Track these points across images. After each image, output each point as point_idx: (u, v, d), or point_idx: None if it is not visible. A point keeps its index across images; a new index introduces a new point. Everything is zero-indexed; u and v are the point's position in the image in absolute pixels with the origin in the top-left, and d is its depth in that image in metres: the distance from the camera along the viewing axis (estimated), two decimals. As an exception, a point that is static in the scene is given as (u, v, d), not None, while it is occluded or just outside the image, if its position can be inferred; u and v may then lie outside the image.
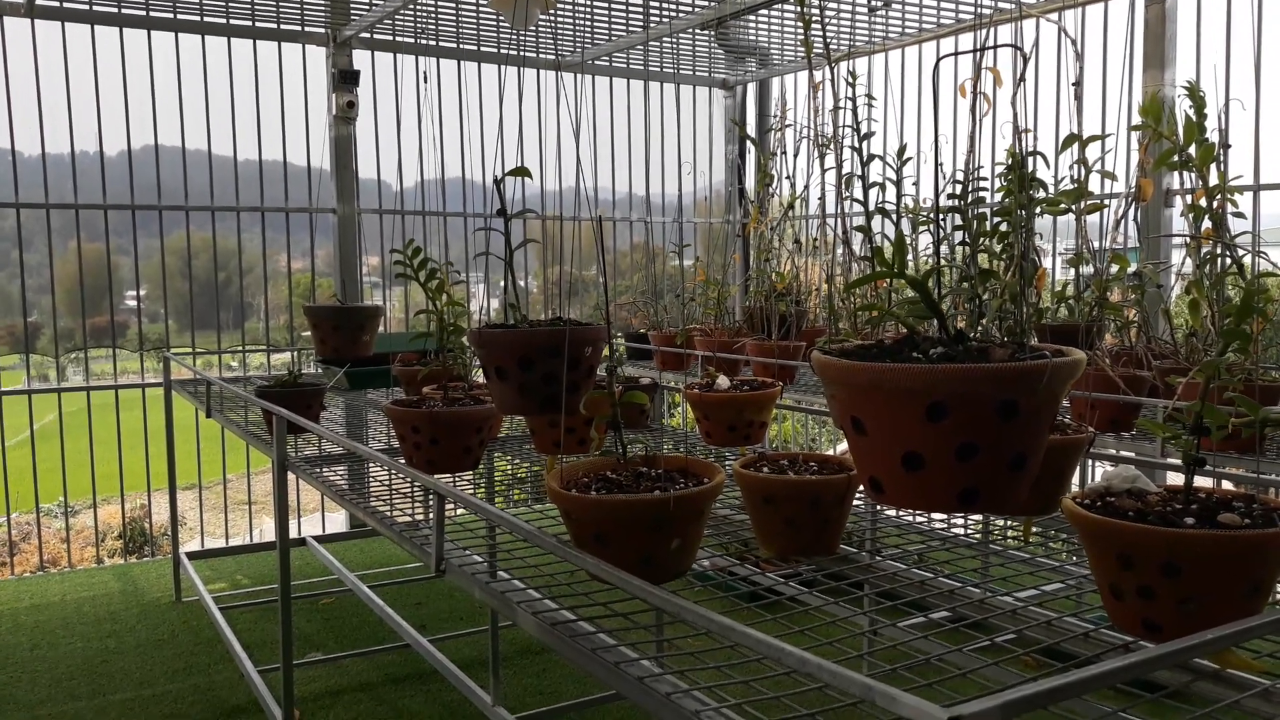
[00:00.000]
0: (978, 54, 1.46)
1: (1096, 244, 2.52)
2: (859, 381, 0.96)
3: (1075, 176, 2.39)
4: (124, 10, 4.51)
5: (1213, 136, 2.20)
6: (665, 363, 3.52)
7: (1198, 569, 1.01)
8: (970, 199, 1.80)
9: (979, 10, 4.37)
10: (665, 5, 4.60)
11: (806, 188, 3.39)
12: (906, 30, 4.80)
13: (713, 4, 4.54)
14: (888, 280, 2.16)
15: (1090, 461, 3.50)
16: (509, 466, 2.74)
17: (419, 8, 4.53)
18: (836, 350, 1.02)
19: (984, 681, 1.23)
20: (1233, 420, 1.10)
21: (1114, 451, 2.39)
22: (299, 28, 4.88)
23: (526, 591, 1.51)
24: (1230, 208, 2.26)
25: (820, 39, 2.40)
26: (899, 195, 2.78)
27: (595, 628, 1.32)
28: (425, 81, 5.08)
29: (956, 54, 1.48)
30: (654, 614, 1.37)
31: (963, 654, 1.26)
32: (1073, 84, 2.55)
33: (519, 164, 1.73)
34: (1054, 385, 0.95)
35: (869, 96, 2.68)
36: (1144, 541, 1.02)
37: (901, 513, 1.83)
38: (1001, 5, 4.25)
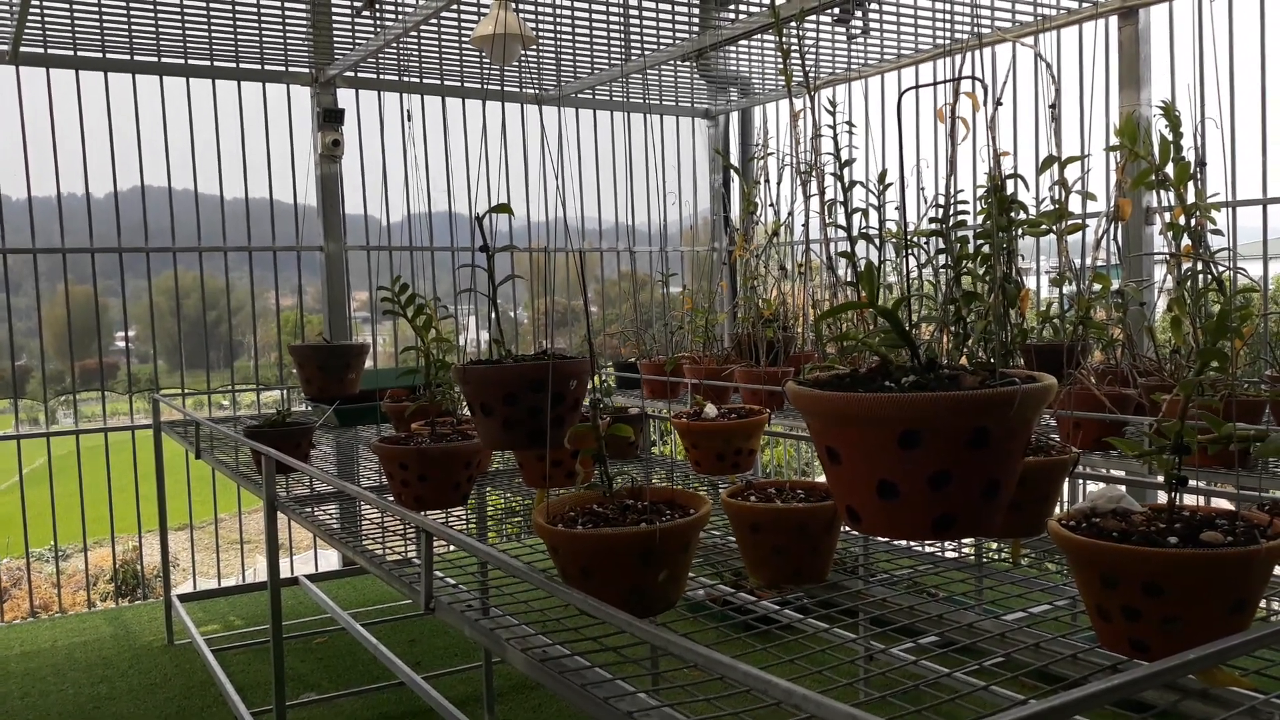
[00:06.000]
0: (954, 81, 1.48)
1: (1079, 263, 2.54)
2: (831, 412, 0.97)
3: (1055, 197, 2.41)
4: (109, 55, 4.54)
5: (1188, 155, 2.23)
6: (654, 391, 3.53)
7: (1180, 588, 1.01)
8: (951, 222, 1.82)
9: (952, 36, 4.42)
10: (645, 38, 4.65)
11: (790, 215, 3.41)
12: (885, 57, 4.85)
13: (693, 36, 4.59)
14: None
15: (1081, 481, 3.50)
16: (500, 501, 2.73)
17: (401, 46, 4.57)
18: (810, 380, 1.03)
19: (976, 706, 1.23)
20: (1200, 438, 1.11)
21: (1104, 470, 2.40)
22: (283, 68, 4.91)
23: (518, 627, 1.50)
24: (1208, 224, 2.29)
25: (799, 68, 2.42)
26: (881, 220, 2.79)
27: (587, 663, 1.31)
28: (409, 119, 5.11)
29: (934, 84, 1.50)
30: (646, 647, 1.36)
31: (954, 678, 1.25)
32: (1049, 106, 2.58)
33: (504, 197, 1.74)
34: (1024, 411, 0.95)
35: (849, 123, 2.70)
36: (1126, 562, 1.02)
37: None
38: (976, 31, 4.31)
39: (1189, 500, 1.20)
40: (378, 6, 3.96)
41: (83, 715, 3.50)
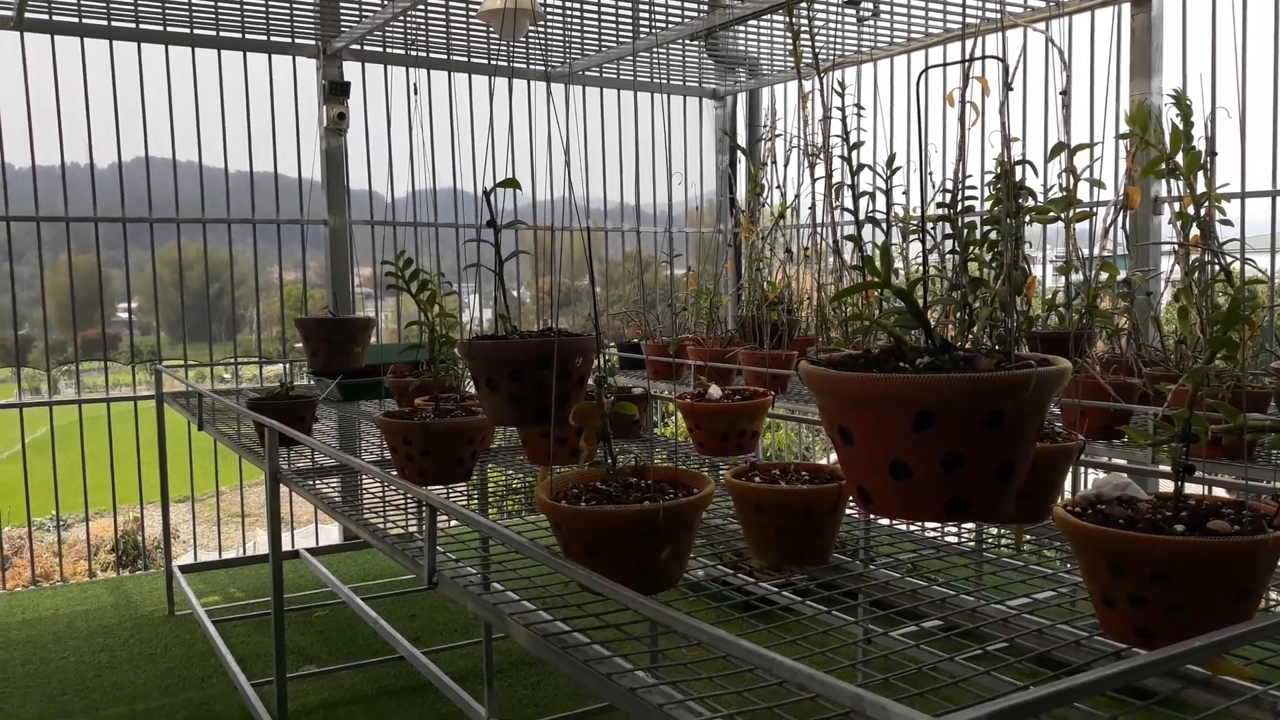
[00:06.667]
0: (965, 64, 1.47)
1: (1086, 251, 2.53)
2: (845, 392, 0.96)
3: (1064, 185, 2.40)
4: (113, 23, 4.52)
5: (1199, 144, 2.22)
6: (657, 372, 3.52)
7: (1187, 576, 1.01)
8: (959, 208, 1.81)
9: (965, 20, 4.39)
10: (654, 16, 4.62)
11: (797, 197, 3.40)
12: (895, 40, 4.83)
13: (702, 15, 4.56)
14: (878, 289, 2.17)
15: (1083, 469, 3.51)
16: (502, 477, 2.74)
17: (409, 19, 4.54)
18: (824, 361, 1.02)
19: (977, 690, 1.23)
20: (1212, 428, 1.10)
21: (1106, 459, 2.40)
22: (289, 39, 4.88)
23: (520, 603, 1.51)
24: (1217, 215, 2.28)
25: (809, 49, 2.40)
26: (889, 204, 2.78)
27: (588, 639, 1.32)
28: (415, 93, 5.09)
29: (944, 65, 1.48)
30: (647, 625, 1.37)
31: (955, 662, 1.26)
32: (1060, 93, 2.56)
33: (510, 174, 1.73)
34: (1040, 395, 0.95)
35: (858, 106, 2.69)
36: (1133, 549, 1.02)
37: (894, 521, 1.83)
38: (988, 15, 4.28)
39: (1190, 490, 1.20)
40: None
41: (83, 683, 3.52)
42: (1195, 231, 2.25)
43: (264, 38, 4.83)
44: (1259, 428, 1.21)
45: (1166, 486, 1.17)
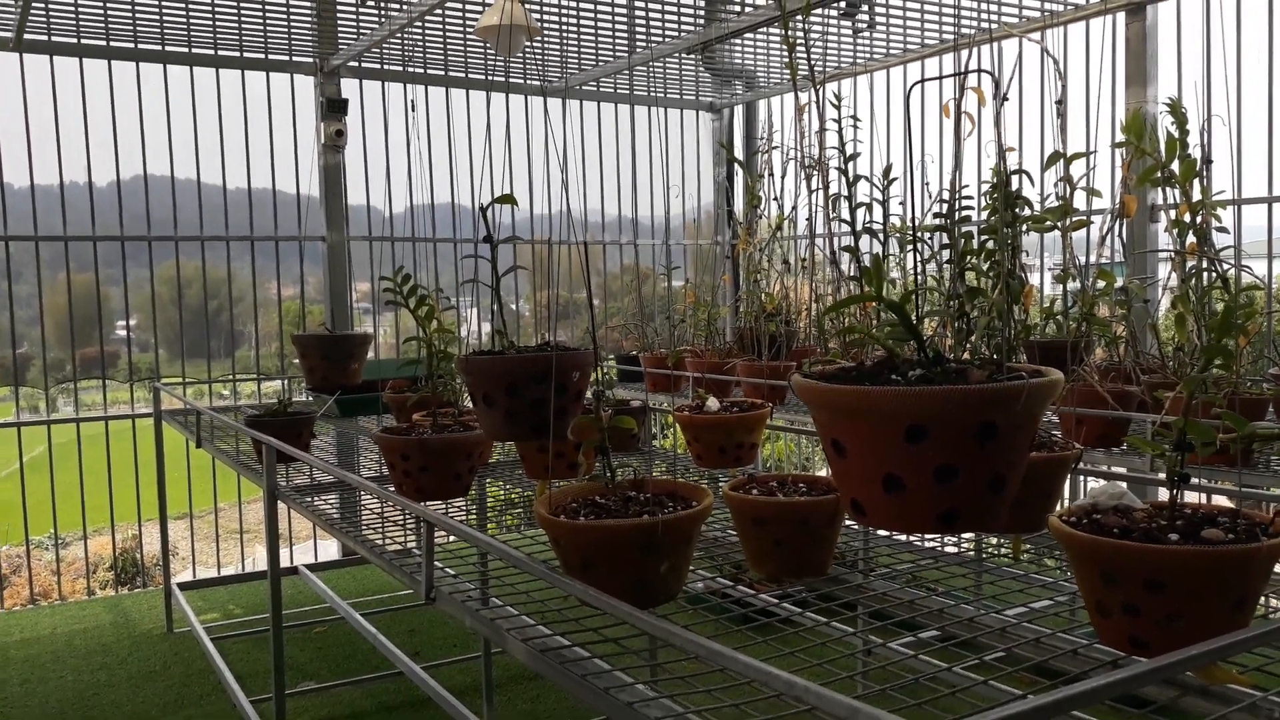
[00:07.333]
0: (959, 76, 1.48)
1: (1083, 260, 2.53)
2: (838, 405, 0.96)
3: (1060, 194, 2.40)
4: (112, 43, 4.54)
5: (1195, 152, 2.23)
6: (656, 384, 3.53)
7: (1181, 585, 1.01)
8: (956, 218, 1.81)
9: (959, 31, 4.41)
10: (651, 30, 4.64)
11: (794, 209, 3.40)
12: (891, 51, 4.84)
13: (698, 29, 4.57)
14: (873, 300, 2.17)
15: (1082, 478, 3.50)
16: (500, 492, 2.74)
17: (405, 36, 4.56)
18: (816, 373, 1.03)
19: (974, 700, 1.23)
20: (1220, 436, 1.10)
21: (1105, 467, 2.40)
22: (287, 57, 4.90)
23: (518, 618, 1.50)
24: (1214, 222, 2.28)
25: (805, 62, 2.41)
26: (885, 215, 2.79)
27: (587, 653, 1.31)
28: (413, 109, 5.10)
29: (940, 77, 1.49)
30: (646, 638, 1.36)
31: (953, 672, 1.26)
32: (1056, 102, 2.57)
33: (508, 189, 1.73)
34: (1032, 406, 0.95)
35: (854, 118, 2.70)
36: (1126, 558, 1.02)
37: (892, 532, 1.83)
38: (983, 26, 4.30)
39: (1189, 498, 1.20)
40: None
41: (82, 702, 3.51)
42: (1191, 239, 2.25)
43: (262, 56, 4.85)
44: (1268, 436, 1.21)
45: (1165, 495, 1.17)
